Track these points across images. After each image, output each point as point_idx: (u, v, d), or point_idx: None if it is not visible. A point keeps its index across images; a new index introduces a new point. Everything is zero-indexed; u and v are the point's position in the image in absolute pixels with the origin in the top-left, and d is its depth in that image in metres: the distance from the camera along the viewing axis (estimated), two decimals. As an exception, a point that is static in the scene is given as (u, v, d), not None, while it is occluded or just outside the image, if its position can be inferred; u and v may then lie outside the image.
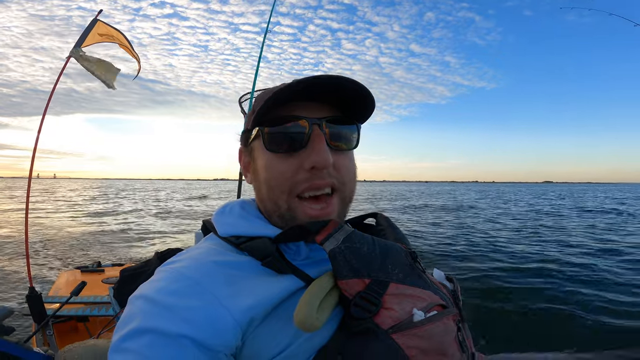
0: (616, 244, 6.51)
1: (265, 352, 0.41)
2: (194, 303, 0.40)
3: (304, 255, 0.50)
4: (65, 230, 8.74)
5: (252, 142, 0.54)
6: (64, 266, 5.02)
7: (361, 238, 0.47)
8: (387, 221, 0.62)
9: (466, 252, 5.81)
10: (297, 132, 0.48)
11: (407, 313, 0.42)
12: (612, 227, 9.19)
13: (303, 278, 0.46)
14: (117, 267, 2.67)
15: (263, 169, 0.51)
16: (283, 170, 0.48)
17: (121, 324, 0.40)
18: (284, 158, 0.49)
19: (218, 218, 0.54)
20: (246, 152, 0.56)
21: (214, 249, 0.49)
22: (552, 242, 6.84)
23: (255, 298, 0.42)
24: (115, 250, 6.53)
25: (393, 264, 0.46)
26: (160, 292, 0.41)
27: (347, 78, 0.47)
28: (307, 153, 0.48)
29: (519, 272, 4.56)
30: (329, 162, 0.47)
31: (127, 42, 2.16)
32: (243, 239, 0.49)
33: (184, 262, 0.46)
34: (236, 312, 0.40)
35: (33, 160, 2.01)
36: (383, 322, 0.40)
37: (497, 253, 5.67)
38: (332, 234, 0.46)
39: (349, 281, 0.43)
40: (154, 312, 0.39)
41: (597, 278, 4.27)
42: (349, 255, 0.44)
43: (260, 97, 0.55)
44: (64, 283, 2.23)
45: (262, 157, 0.51)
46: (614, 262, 5.10)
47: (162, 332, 0.37)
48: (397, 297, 0.43)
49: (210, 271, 0.44)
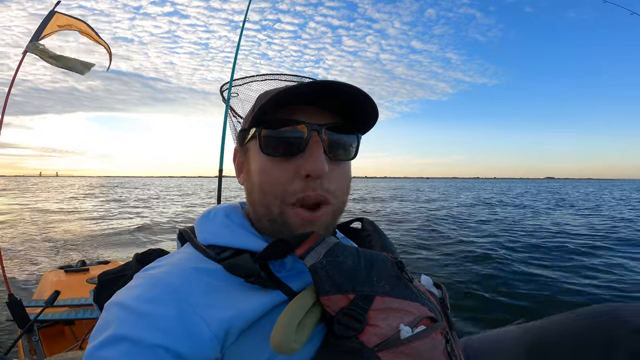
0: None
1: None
2: (171, 312, 0.39)
3: (289, 266, 0.48)
4: (46, 228, 8.42)
5: (248, 143, 0.52)
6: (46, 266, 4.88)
7: (344, 250, 0.45)
8: (373, 226, 0.61)
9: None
10: (295, 136, 0.46)
11: (393, 329, 0.40)
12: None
13: (286, 292, 0.44)
14: (102, 264, 2.62)
15: (257, 172, 0.49)
16: (277, 176, 0.47)
17: (96, 331, 0.39)
18: (279, 162, 0.47)
19: (201, 224, 0.52)
20: (241, 151, 0.54)
21: (195, 255, 0.48)
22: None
23: (233, 310, 0.41)
24: (98, 247, 6.38)
25: (379, 275, 0.44)
26: (137, 300, 0.39)
27: (351, 85, 0.45)
28: (303, 159, 0.46)
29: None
30: (324, 171, 0.46)
31: (91, 29, 2.03)
32: (225, 252, 0.47)
33: (163, 268, 0.45)
34: (213, 323, 0.39)
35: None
36: (368, 340, 0.39)
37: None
38: (313, 247, 0.44)
39: (331, 297, 0.41)
40: (129, 320, 0.38)
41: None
42: (331, 270, 0.42)
43: (263, 94, 0.53)
44: (48, 285, 2.19)
45: (257, 160, 0.49)
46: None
47: (138, 341, 0.36)
48: (383, 312, 0.41)
49: (190, 279, 0.42)
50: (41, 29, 1.78)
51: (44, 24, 1.77)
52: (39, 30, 1.77)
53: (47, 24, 1.78)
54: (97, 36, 2.06)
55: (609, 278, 4.00)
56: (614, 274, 4.14)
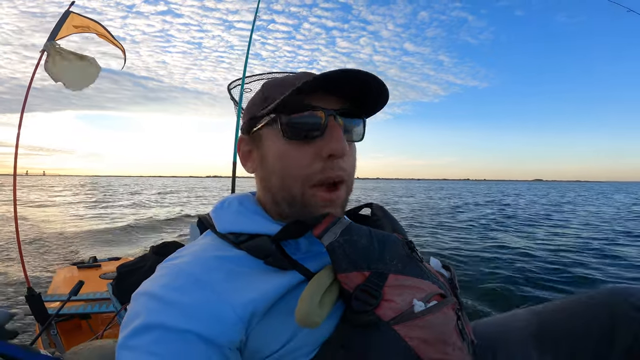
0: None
1: (268, 346, 0.42)
2: (197, 298, 0.40)
3: (304, 249, 0.50)
4: (55, 225, 8.61)
5: (259, 130, 0.52)
6: (59, 263, 4.99)
7: (358, 230, 0.47)
8: (383, 211, 0.63)
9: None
10: (314, 121, 0.48)
11: (407, 304, 0.42)
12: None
13: (303, 272, 0.46)
14: (113, 261, 2.66)
15: (276, 157, 0.50)
16: (299, 159, 0.48)
17: (126, 321, 0.41)
18: (300, 146, 0.48)
19: (216, 214, 0.54)
20: (249, 140, 0.55)
21: (214, 244, 0.50)
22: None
23: (256, 293, 0.43)
24: (109, 244, 6.50)
25: (391, 255, 0.46)
26: (164, 288, 0.41)
27: (372, 74, 0.47)
28: (324, 142, 0.48)
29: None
30: (346, 149, 0.48)
31: (106, 31, 2.06)
32: (243, 237, 0.49)
33: (185, 258, 0.46)
34: (238, 306, 0.41)
35: (16, 158, 1.96)
36: (384, 314, 0.41)
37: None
38: (329, 228, 0.46)
39: (348, 274, 0.43)
40: (158, 308, 0.39)
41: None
42: (347, 249, 0.44)
43: (272, 83, 0.54)
44: (61, 280, 2.23)
45: (274, 146, 0.50)
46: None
47: (168, 327, 0.38)
48: (397, 288, 0.43)
49: (212, 267, 0.44)
50: (57, 29, 1.81)
51: (59, 24, 1.81)
52: (55, 30, 1.80)
53: (63, 25, 1.82)
54: (112, 37, 2.09)
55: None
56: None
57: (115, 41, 2.10)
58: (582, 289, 3.39)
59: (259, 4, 2.25)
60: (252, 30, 2.19)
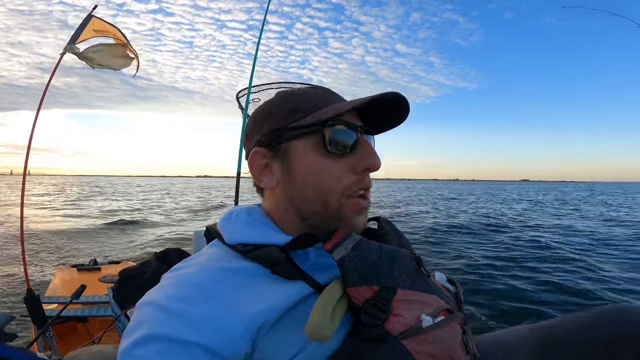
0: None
1: (275, 359, 0.42)
2: (203, 310, 0.40)
3: (313, 260, 0.50)
4: (53, 227, 8.62)
5: (286, 142, 0.50)
6: (59, 265, 4.97)
7: (369, 246, 0.48)
8: (390, 225, 0.63)
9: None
10: (351, 137, 0.50)
11: (415, 319, 0.43)
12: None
13: (312, 284, 0.46)
14: (113, 264, 2.64)
15: (311, 171, 0.49)
16: (336, 171, 0.49)
17: (130, 329, 0.40)
18: (337, 160, 0.49)
19: (224, 224, 0.53)
20: (267, 152, 0.52)
21: (221, 255, 0.49)
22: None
23: (264, 305, 0.42)
24: (109, 246, 6.48)
25: (400, 270, 0.47)
26: (169, 299, 0.41)
27: (405, 100, 0.50)
28: (358, 156, 0.50)
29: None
30: (380, 164, 0.51)
31: (124, 37, 2.11)
32: (250, 247, 0.48)
33: (191, 269, 0.46)
34: (245, 318, 0.41)
35: (27, 159, 1.98)
36: (393, 329, 0.42)
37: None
38: (340, 242, 0.47)
39: (358, 288, 0.44)
40: (163, 319, 0.39)
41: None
42: (358, 263, 0.45)
43: (300, 96, 0.52)
44: (60, 282, 2.21)
45: (308, 159, 0.49)
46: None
47: (173, 339, 0.37)
48: (405, 303, 0.44)
49: (218, 278, 0.44)
50: (79, 32, 1.86)
51: (81, 27, 1.85)
52: (77, 32, 1.85)
53: (85, 28, 1.86)
54: (129, 44, 2.14)
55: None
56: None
57: (131, 47, 2.15)
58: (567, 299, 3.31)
59: (266, 14, 2.28)
60: (259, 38, 2.21)
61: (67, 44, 1.84)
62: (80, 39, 1.91)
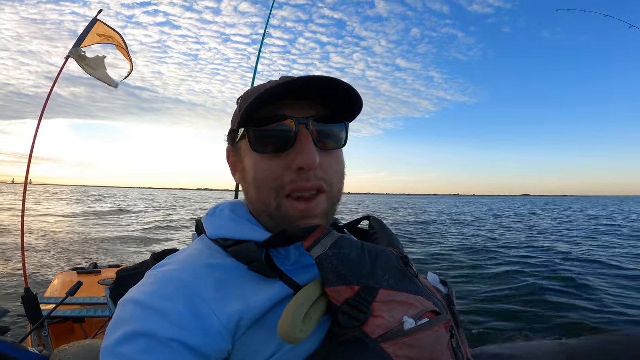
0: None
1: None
2: (184, 307, 0.40)
3: (294, 260, 0.49)
4: (59, 231, 8.66)
5: (238, 142, 0.53)
6: (60, 268, 4.98)
7: (349, 244, 0.45)
8: (380, 224, 0.61)
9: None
10: (283, 131, 0.47)
11: (397, 321, 0.40)
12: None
13: (291, 285, 0.45)
14: (113, 268, 2.65)
15: (251, 169, 0.50)
16: (270, 171, 0.48)
17: (112, 327, 0.40)
18: (270, 159, 0.48)
19: (208, 219, 0.53)
20: (233, 151, 0.55)
21: (204, 251, 0.49)
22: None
23: (243, 304, 0.42)
24: (112, 251, 6.48)
25: (383, 269, 0.45)
26: (151, 296, 0.41)
27: (334, 78, 0.46)
28: (294, 154, 0.47)
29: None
30: (316, 163, 0.47)
31: (124, 44, 2.15)
32: (230, 242, 0.48)
33: (174, 266, 0.46)
34: (224, 316, 0.40)
35: (29, 166, 2.01)
36: (372, 331, 0.39)
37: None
38: (319, 240, 0.44)
39: (336, 288, 0.41)
40: (144, 317, 0.39)
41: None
42: (336, 262, 0.43)
43: (246, 95, 0.53)
44: (60, 284, 2.21)
45: (249, 158, 0.50)
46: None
47: (155, 336, 0.37)
48: (387, 304, 0.41)
49: (201, 275, 0.43)
50: (83, 36, 1.90)
51: (86, 31, 1.89)
52: (82, 37, 1.89)
53: (90, 32, 1.90)
54: (128, 53, 2.19)
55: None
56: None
57: (129, 57, 2.20)
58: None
59: (266, 28, 2.32)
60: (260, 49, 2.25)
61: (72, 48, 1.88)
62: (85, 44, 1.94)
